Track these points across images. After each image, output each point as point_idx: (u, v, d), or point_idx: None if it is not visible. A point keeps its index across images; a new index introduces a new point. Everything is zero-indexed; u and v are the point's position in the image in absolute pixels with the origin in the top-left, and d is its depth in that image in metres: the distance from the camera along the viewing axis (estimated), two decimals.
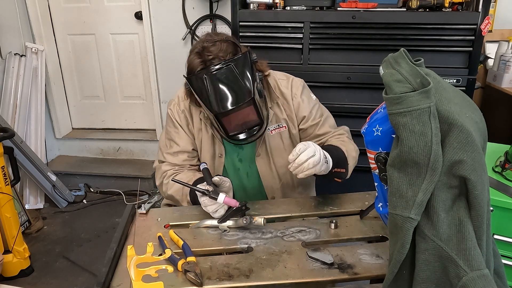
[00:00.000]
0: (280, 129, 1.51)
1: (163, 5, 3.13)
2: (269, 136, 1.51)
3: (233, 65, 1.27)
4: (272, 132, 1.51)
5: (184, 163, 1.53)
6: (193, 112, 1.51)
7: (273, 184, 1.57)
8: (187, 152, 1.53)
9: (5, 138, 2.35)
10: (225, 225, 1.28)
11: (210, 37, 1.34)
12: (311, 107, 1.53)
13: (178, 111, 1.53)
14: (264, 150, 1.52)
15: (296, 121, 1.53)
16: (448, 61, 2.16)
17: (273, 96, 1.51)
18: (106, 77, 3.55)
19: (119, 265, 1.13)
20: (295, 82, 1.54)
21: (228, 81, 1.27)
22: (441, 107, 0.76)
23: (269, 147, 1.52)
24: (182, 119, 1.53)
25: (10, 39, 3.09)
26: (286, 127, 1.52)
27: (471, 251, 0.74)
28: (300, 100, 1.51)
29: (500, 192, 1.53)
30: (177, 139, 1.53)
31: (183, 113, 1.52)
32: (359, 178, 2.16)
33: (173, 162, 1.53)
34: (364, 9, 2.12)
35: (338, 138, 1.52)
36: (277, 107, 1.51)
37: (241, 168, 1.57)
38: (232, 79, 1.27)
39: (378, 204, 0.97)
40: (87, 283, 2.34)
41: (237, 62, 1.28)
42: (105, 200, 3.29)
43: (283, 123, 1.52)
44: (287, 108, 1.51)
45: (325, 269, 1.08)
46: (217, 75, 1.26)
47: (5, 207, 2.30)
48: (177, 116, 1.53)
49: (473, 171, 0.75)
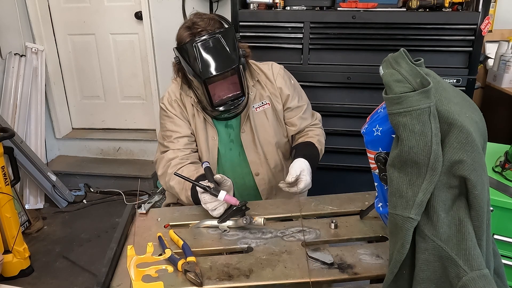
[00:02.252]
0: (264, 106, 1.59)
1: (163, 5, 3.13)
2: (254, 113, 1.58)
3: (220, 36, 1.39)
4: (257, 109, 1.59)
5: (186, 147, 1.56)
6: (185, 101, 1.58)
7: (257, 159, 1.62)
8: (187, 136, 1.57)
9: (5, 138, 2.35)
10: (225, 225, 1.28)
11: (198, 14, 1.48)
12: (294, 87, 1.64)
13: (171, 101, 1.58)
14: (248, 127, 1.59)
15: (280, 98, 1.61)
16: (448, 61, 2.16)
17: (254, 74, 1.59)
18: (106, 77, 3.55)
19: (119, 265, 1.13)
20: (275, 65, 1.65)
21: (215, 50, 1.38)
22: (441, 107, 0.76)
23: (254, 124, 1.58)
24: (176, 108, 1.58)
25: (10, 39, 3.10)
26: (270, 103, 1.60)
27: (471, 251, 0.74)
28: (283, 80, 1.61)
29: (500, 192, 1.53)
30: (174, 127, 1.57)
31: (175, 102, 1.58)
32: (359, 178, 2.16)
33: (176, 148, 1.55)
34: (364, 9, 2.12)
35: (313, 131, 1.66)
36: (259, 84, 1.60)
37: (233, 148, 1.62)
38: (219, 48, 1.39)
39: (378, 204, 0.97)
40: (87, 283, 2.34)
41: (223, 34, 1.40)
42: (105, 200, 3.29)
43: (266, 100, 1.60)
44: (269, 86, 1.60)
45: (325, 269, 1.08)
46: (205, 44, 1.38)
47: (5, 207, 2.30)
48: (169, 107, 1.58)
49: (473, 171, 0.75)
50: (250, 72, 1.59)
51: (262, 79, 1.61)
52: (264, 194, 1.64)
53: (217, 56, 1.38)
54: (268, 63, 1.65)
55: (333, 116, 2.31)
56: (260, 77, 1.60)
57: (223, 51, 1.39)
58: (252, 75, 1.60)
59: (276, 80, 1.61)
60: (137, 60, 3.44)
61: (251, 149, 1.61)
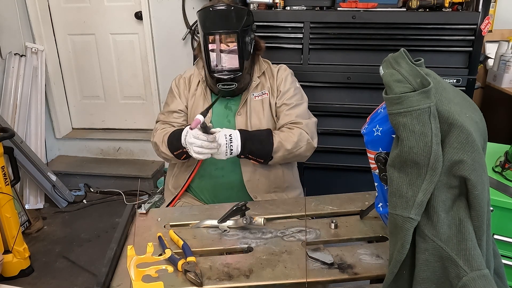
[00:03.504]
0: (263, 95, 1.70)
1: (163, 5, 3.13)
2: (252, 100, 1.68)
3: (233, 9, 1.58)
4: (256, 98, 1.69)
5: (173, 120, 1.72)
6: (193, 80, 1.74)
7: None
8: (175, 111, 1.73)
9: (5, 138, 2.35)
10: (225, 225, 1.28)
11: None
12: (292, 87, 1.70)
13: (180, 78, 1.77)
14: (244, 111, 1.68)
15: (276, 93, 1.70)
16: (448, 61, 2.16)
17: (262, 67, 1.73)
18: (106, 77, 3.55)
19: (119, 265, 1.13)
20: (284, 66, 1.77)
21: (224, 15, 1.58)
22: (441, 107, 0.76)
23: (249, 109, 1.67)
24: (181, 84, 1.76)
25: (10, 39, 3.09)
26: (268, 94, 1.70)
27: (471, 251, 0.74)
28: (284, 77, 1.71)
29: (500, 192, 1.53)
30: (170, 102, 1.76)
31: (183, 79, 1.76)
32: (359, 178, 2.16)
33: (164, 121, 1.74)
34: (364, 9, 2.12)
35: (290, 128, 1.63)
36: (264, 77, 1.72)
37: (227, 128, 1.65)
38: (228, 16, 1.57)
39: (378, 204, 0.97)
40: (87, 283, 2.34)
41: (236, 10, 1.59)
42: (105, 200, 3.28)
43: (266, 90, 1.70)
44: (272, 80, 1.72)
45: (325, 269, 1.08)
46: (218, 11, 1.58)
47: (5, 207, 2.30)
48: (177, 83, 1.77)
49: (473, 171, 0.75)
50: (259, 64, 1.73)
51: (268, 73, 1.73)
52: (246, 174, 1.65)
53: (224, 20, 1.57)
54: (280, 65, 1.78)
55: (333, 116, 2.31)
56: (266, 70, 1.73)
57: (230, 18, 1.57)
58: (260, 67, 1.72)
59: (278, 78, 1.71)
60: (137, 60, 3.44)
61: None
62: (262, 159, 1.57)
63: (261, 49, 1.72)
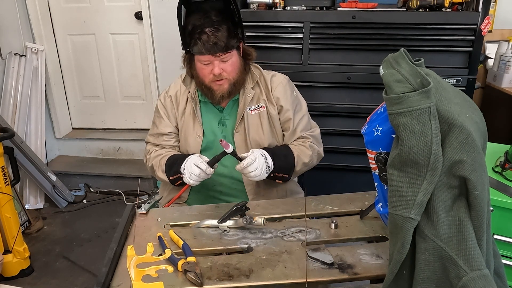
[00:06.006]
0: (260, 109, 1.64)
1: (163, 5, 3.13)
2: (249, 115, 1.64)
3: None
4: (252, 112, 1.64)
5: (164, 142, 1.70)
6: (180, 98, 1.68)
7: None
8: (165, 134, 1.70)
9: (5, 138, 2.35)
10: (225, 225, 1.28)
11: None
12: (295, 103, 1.67)
13: (166, 97, 1.70)
14: (242, 128, 1.64)
15: (276, 106, 1.64)
16: (448, 61, 2.15)
17: (254, 76, 1.65)
18: (106, 77, 3.55)
19: (119, 265, 1.13)
20: (279, 75, 1.70)
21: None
22: (441, 107, 0.76)
23: (247, 125, 1.63)
24: (168, 104, 1.69)
25: (10, 39, 3.10)
26: (265, 107, 1.64)
27: (471, 251, 0.74)
28: (283, 90, 1.65)
29: (500, 192, 1.53)
30: (157, 123, 1.71)
31: (169, 98, 1.69)
32: (359, 178, 2.16)
33: (154, 143, 1.72)
34: (364, 9, 2.12)
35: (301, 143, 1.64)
36: (258, 88, 1.65)
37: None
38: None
39: (378, 204, 0.97)
40: (87, 283, 2.35)
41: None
42: (105, 200, 3.29)
43: (262, 103, 1.65)
44: (267, 92, 1.65)
45: (325, 269, 1.07)
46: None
47: (5, 207, 2.30)
48: (163, 103, 1.70)
49: (473, 171, 0.75)
50: (251, 74, 1.65)
51: (261, 82, 1.66)
52: (251, 193, 1.64)
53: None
54: (272, 72, 1.71)
55: (333, 116, 2.31)
56: (260, 80, 1.65)
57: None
58: (252, 77, 1.65)
59: (275, 89, 1.65)
60: (137, 60, 3.44)
61: (243, 148, 1.63)
62: (287, 174, 1.56)
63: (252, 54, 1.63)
